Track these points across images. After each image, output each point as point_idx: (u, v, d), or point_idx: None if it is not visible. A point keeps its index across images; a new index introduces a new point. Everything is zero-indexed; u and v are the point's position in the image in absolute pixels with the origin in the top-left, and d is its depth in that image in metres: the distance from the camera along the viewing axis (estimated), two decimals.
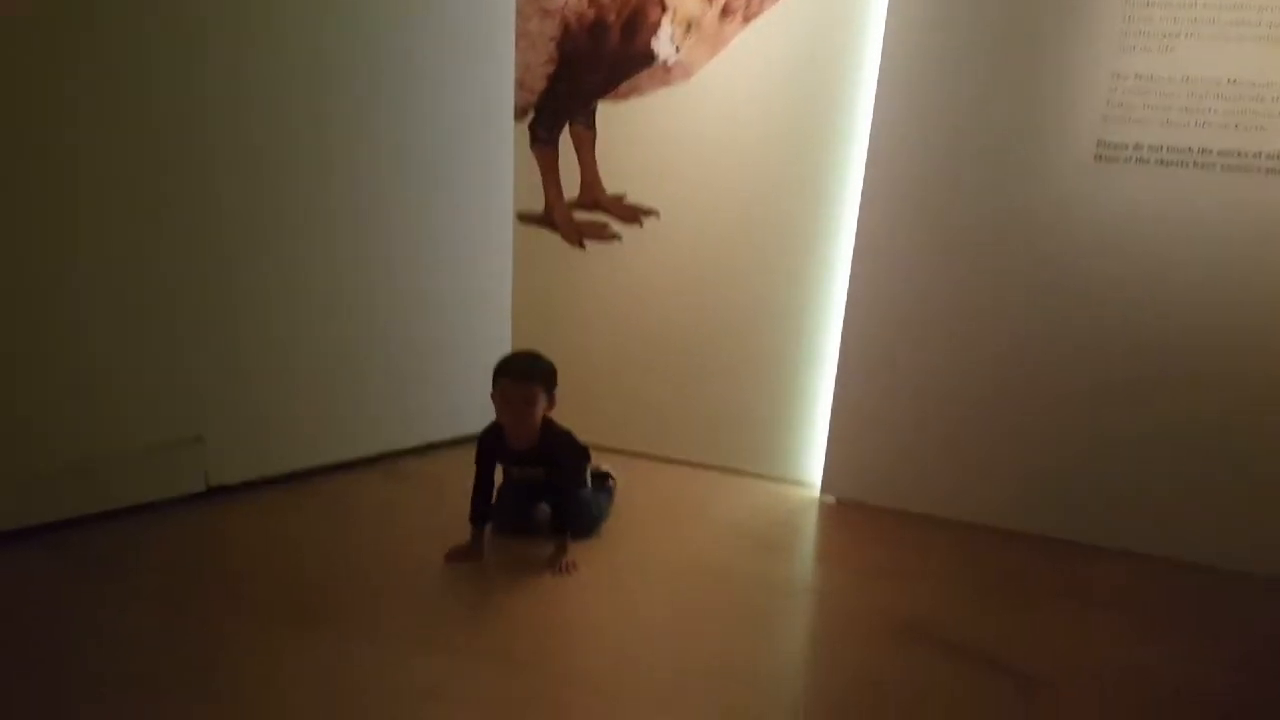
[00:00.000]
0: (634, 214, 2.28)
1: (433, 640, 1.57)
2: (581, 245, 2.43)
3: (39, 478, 1.85)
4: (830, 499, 2.34)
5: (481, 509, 1.89)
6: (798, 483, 2.45)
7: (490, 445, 1.88)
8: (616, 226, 2.28)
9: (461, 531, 1.90)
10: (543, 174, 2.22)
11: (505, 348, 2.59)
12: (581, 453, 2.08)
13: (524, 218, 2.37)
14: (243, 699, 1.41)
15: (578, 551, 1.92)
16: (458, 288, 2.48)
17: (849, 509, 2.30)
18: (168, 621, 1.60)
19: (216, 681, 1.44)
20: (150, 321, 1.94)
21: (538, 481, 1.92)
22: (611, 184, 2.23)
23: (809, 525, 2.21)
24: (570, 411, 2.00)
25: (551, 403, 1.85)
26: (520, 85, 2.21)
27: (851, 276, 2.13)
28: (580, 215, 2.25)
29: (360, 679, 1.45)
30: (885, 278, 2.08)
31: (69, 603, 1.65)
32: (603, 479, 2.17)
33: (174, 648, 1.53)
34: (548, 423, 1.87)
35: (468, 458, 1.92)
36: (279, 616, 1.62)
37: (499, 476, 1.93)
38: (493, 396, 1.81)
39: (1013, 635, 1.72)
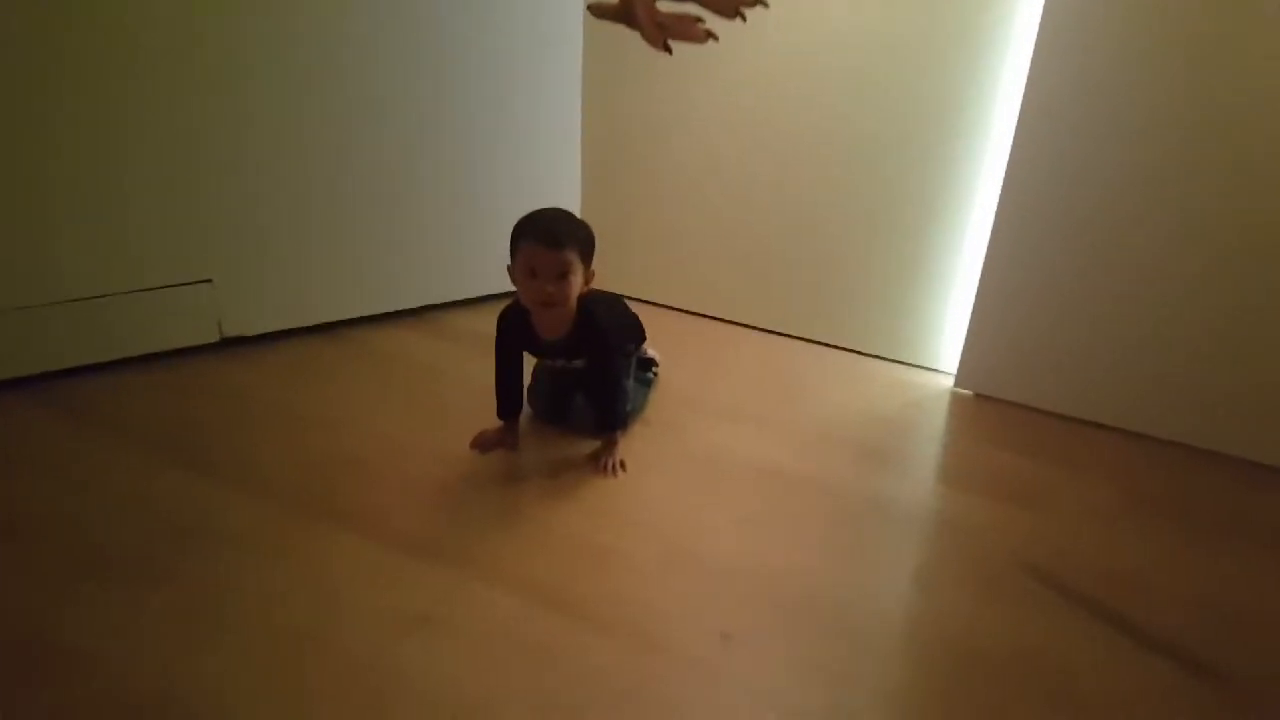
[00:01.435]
0: (736, 4, 1.70)
1: (443, 549, 1.23)
2: (668, 49, 1.79)
3: (31, 322, 1.60)
4: (966, 392, 1.86)
5: (510, 403, 1.50)
6: (925, 368, 1.99)
7: (513, 333, 1.45)
8: (712, 22, 1.70)
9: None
10: None
11: (574, 190, 2.25)
12: (632, 334, 1.66)
13: (597, 9, 1.73)
14: (212, 587, 1.13)
15: (633, 443, 1.55)
16: (515, 112, 2.05)
17: (984, 405, 1.82)
18: (154, 488, 1.34)
19: (188, 563, 1.17)
20: (158, 147, 1.61)
21: (577, 371, 1.52)
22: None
23: (934, 423, 1.76)
24: (642, 267, 1.60)
25: (590, 276, 1.39)
26: None
27: (1012, 151, 1.66)
28: (667, 5, 1.65)
29: (348, 590, 1.15)
30: (1047, 158, 1.65)
31: (59, 460, 1.41)
32: (646, 365, 1.76)
33: (157, 518, 1.27)
34: (586, 302, 1.40)
35: None
36: (277, 498, 1.32)
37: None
38: (511, 270, 1.36)
39: (1176, 593, 1.24)
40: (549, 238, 1.31)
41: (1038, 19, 1.59)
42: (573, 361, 1.48)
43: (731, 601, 1.17)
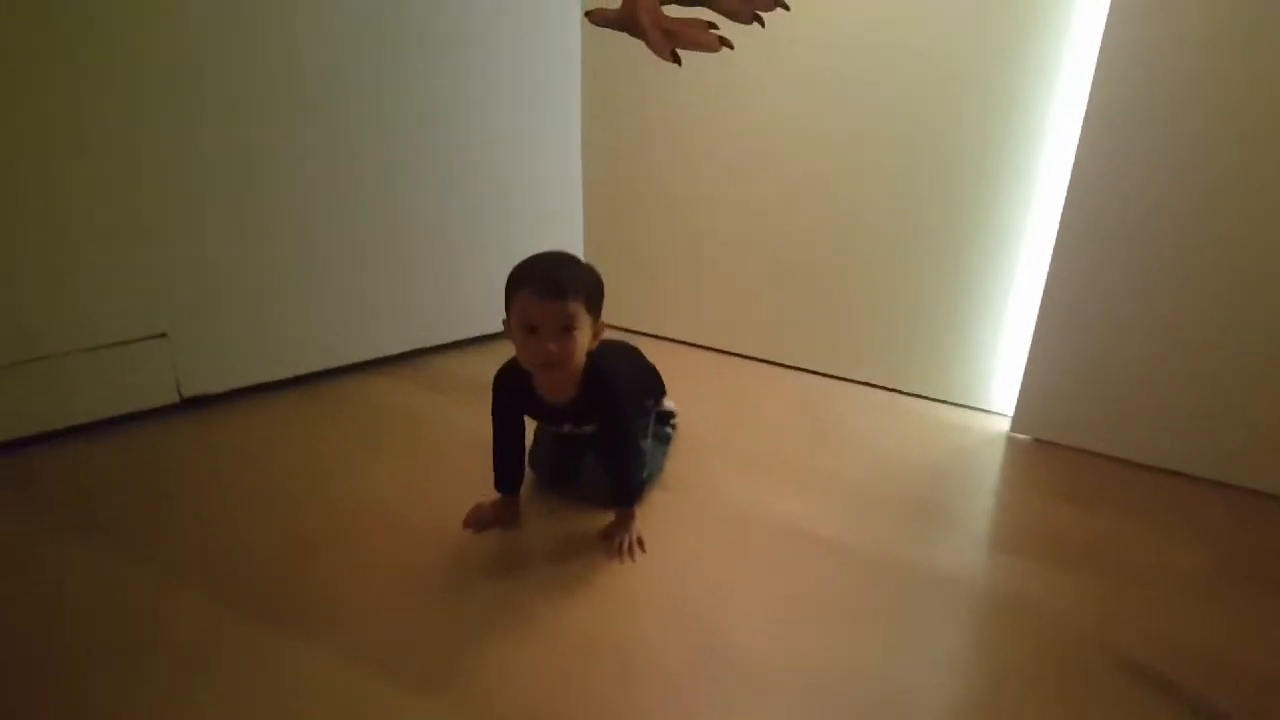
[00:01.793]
0: (753, 7, 1.51)
1: (427, 669, 1.01)
2: (676, 59, 1.58)
3: None
4: (1024, 437, 1.67)
5: (510, 476, 1.30)
6: (977, 409, 1.79)
7: (512, 397, 1.24)
8: (726, 29, 1.51)
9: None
10: None
11: (574, 212, 2.06)
12: (650, 388, 1.46)
13: (595, 18, 1.53)
14: (172, 693, 0.94)
15: (651, 511, 1.33)
16: (508, 131, 1.86)
17: (1045, 452, 1.62)
18: (100, 586, 1.12)
19: (126, 687, 0.96)
20: (101, 186, 1.41)
21: (586, 436, 1.30)
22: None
23: (990, 475, 1.55)
24: (653, 300, 1.40)
25: (599, 329, 1.19)
26: None
27: (1072, 176, 1.48)
28: (675, 10, 1.45)
29: (305, 708, 0.97)
30: (1112, 178, 1.46)
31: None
32: (665, 419, 1.55)
33: (98, 626, 1.05)
34: (595, 357, 1.19)
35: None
36: (236, 600, 1.11)
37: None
38: (506, 325, 1.15)
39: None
40: (549, 286, 1.10)
41: (1101, 28, 1.40)
42: (582, 427, 1.27)
43: (776, 711, 0.97)
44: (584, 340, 1.14)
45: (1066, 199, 1.50)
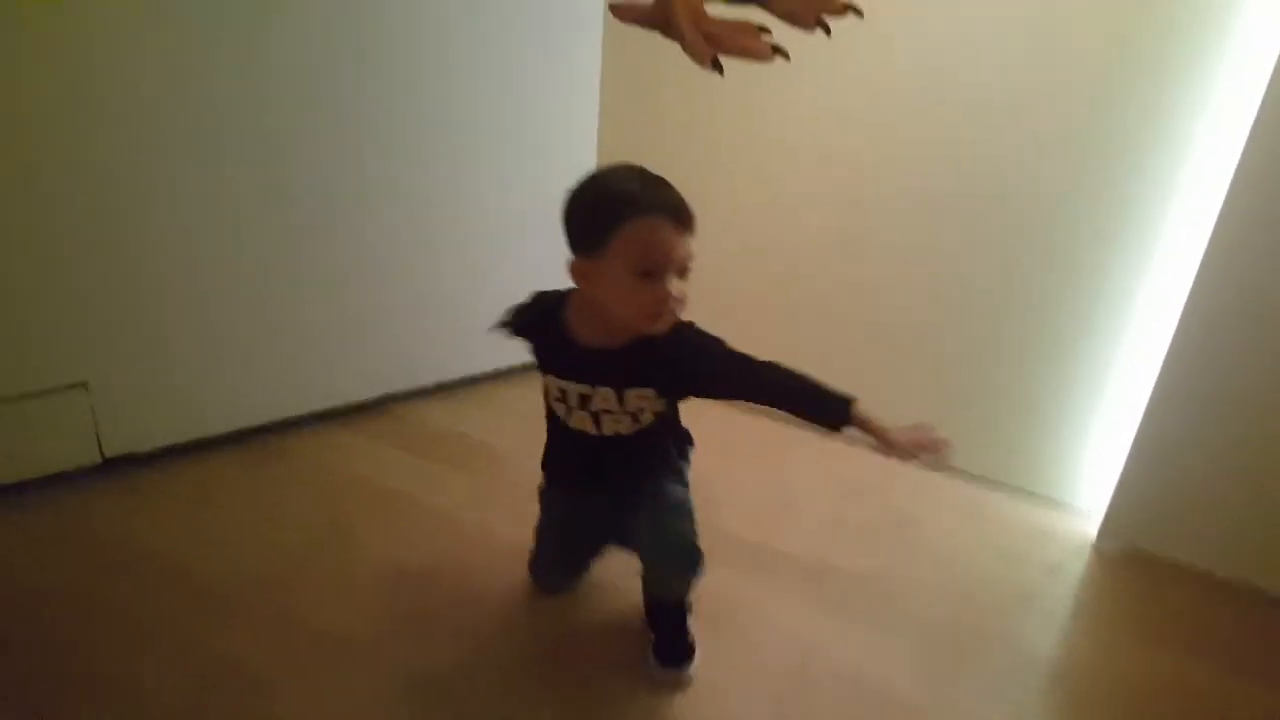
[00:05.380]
0: (816, 9, 1.21)
1: None
2: (718, 67, 1.25)
3: None
4: (1112, 546, 1.38)
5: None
6: (1058, 502, 1.50)
7: (530, 330, 0.99)
8: (781, 34, 1.21)
9: (510, 534, 1.13)
10: None
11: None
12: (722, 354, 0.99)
13: (622, 13, 1.20)
14: None
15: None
16: (503, 152, 1.59)
17: (1138, 567, 1.34)
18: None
19: None
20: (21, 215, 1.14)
21: (615, 446, 0.97)
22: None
23: (1069, 596, 1.27)
24: None
25: None
26: None
27: (1203, 262, 1.21)
28: (719, 10, 1.15)
29: None
30: (1244, 281, 1.20)
31: None
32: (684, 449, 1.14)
33: None
34: None
35: (512, 404, 1.24)
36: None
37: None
38: (585, 267, 0.87)
39: None
40: (682, 214, 0.85)
41: (1260, 96, 1.12)
42: (623, 394, 0.92)
43: None
44: None
45: (1194, 285, 1.23)
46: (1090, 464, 1.46)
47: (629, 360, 0.90)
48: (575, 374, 0.93)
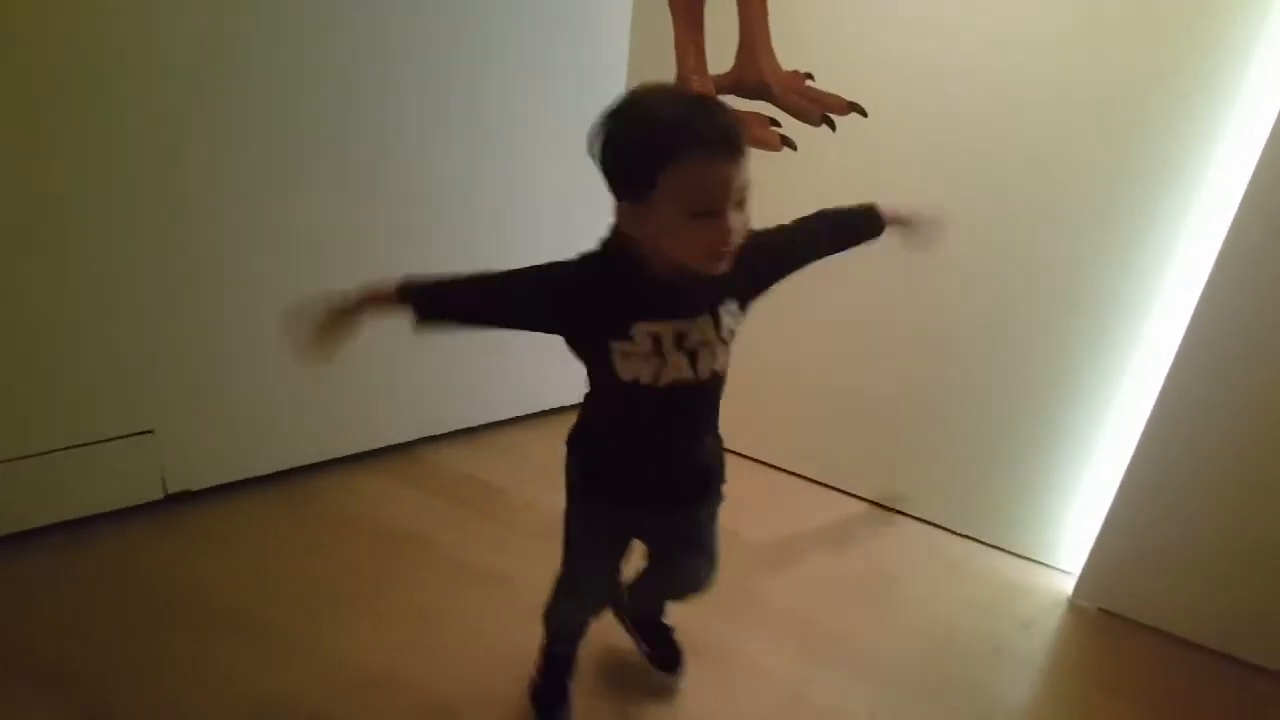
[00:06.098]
0: (823, 108, 1.34)
1: None
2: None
3: None
4: (1088, 605, 1.47)
5: (436, 306, 0.88)
6: (1037, 563, 1.59)
7: (584, 295, 0.84)
8: (789, 127, 1.34)
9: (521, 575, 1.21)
10: (676, 24, 1.30)
11: None
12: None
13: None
14: None
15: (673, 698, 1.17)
16: (534, 220, 1.70)
17: (1111, 628, 1.42)
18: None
19: None
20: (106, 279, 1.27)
21: (705, 396, 0.92)
22: (791, 57, 1.30)
23: (1042, 656, 1.36)
24: None
25: None
26: None
27: (1188, 328, 1.29)
28: (733, 102, 1.28)
29: None
30: (1230, 348, 1.27)
31: None
32: None
33: None
34: None
35: (542, 447, 1.25)
36: None
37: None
38: (639, 212, 0.78)
39: None
40: (731, 143, 0.75)
41: (1259, 147, 1.19)
42: (729, 309, 0.88)
43: None
44: None
45: (1178, 352, 1.31)
46: (1069, 526, 1.54)
47: (709, 281, 0.82)
48: (669, 311, 0.84)
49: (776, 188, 1.01)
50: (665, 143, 0.74)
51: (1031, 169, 1.43)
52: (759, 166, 0.80)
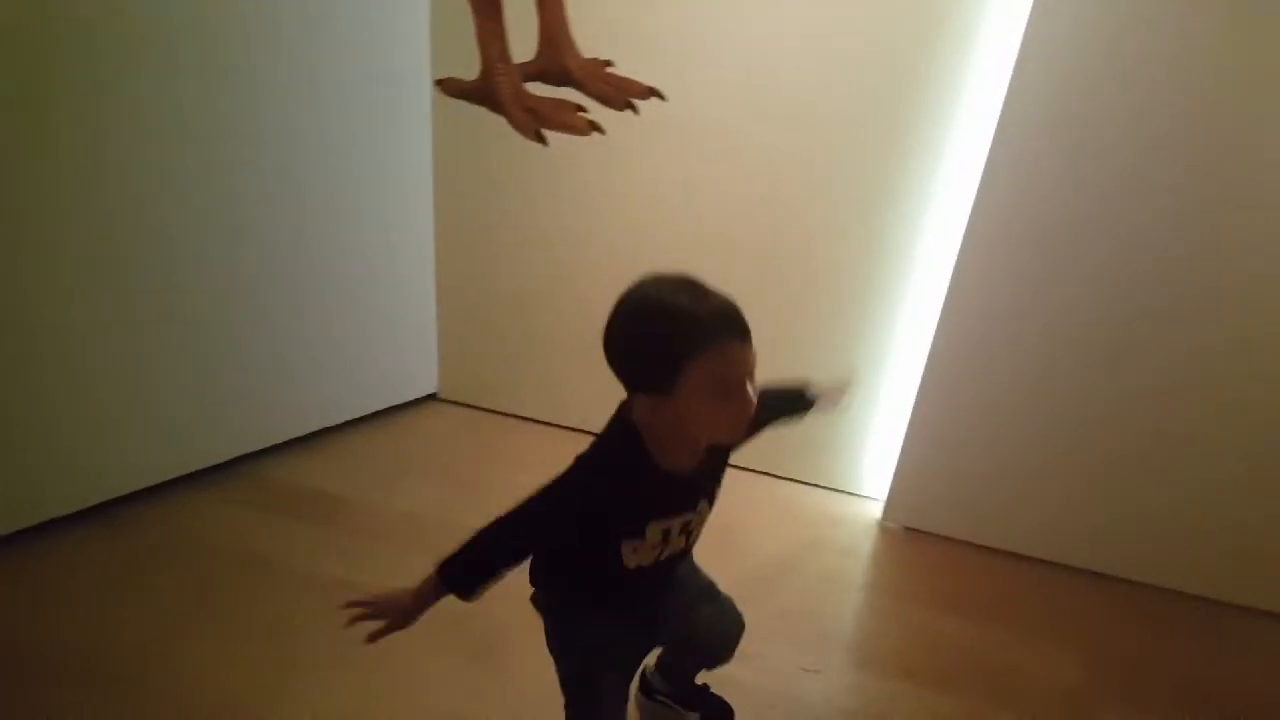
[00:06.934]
0: (624, 93, 1.42)
1: None
2: (540, 138, 1.45)
3: None
4: (895, 526, 1.67)
5: (479, 575, 0.85)
6: (849, 494, 1.78)
7: (609, 501, 0.85)
8: (595, 111, 1.41)
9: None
10: (476, 17, 1.33)
11: (428, 307, 1.86)
12: None
13: (449, 87, 1.36)
14: None
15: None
16: (350, 218, 1.67)
17: (917, 543, 1.64)
18: None
19: None
20: None
21: (688, 549, 0.99)
22: (590, 45, 1.37)
23: (858, 572, 1.55)
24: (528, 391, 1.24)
25: None
26: None
27: (958, 258, 1.48)
28: (541, 89, 1.33)
29: None
30: (996, 270, 1.47)
31: None
32: None
33: None
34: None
35: (372, 450, 1.24)
36: None
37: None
38: (656, 403, 0.81)
39: None
40: (741, 323, 0.80)
41: (999, 101, 1.37)
42: (710, 493, 0.94)
43: None
44: None
45: (951, 280, 1.49)
46: (874, 456, 1.74)
47: (708, 463, 0.89)
48: (679, 506, 0.89)
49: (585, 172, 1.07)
50: (686, 337, 0.77)
51: (803, 141, 1.60)
52: (571, 149, 0.86)
